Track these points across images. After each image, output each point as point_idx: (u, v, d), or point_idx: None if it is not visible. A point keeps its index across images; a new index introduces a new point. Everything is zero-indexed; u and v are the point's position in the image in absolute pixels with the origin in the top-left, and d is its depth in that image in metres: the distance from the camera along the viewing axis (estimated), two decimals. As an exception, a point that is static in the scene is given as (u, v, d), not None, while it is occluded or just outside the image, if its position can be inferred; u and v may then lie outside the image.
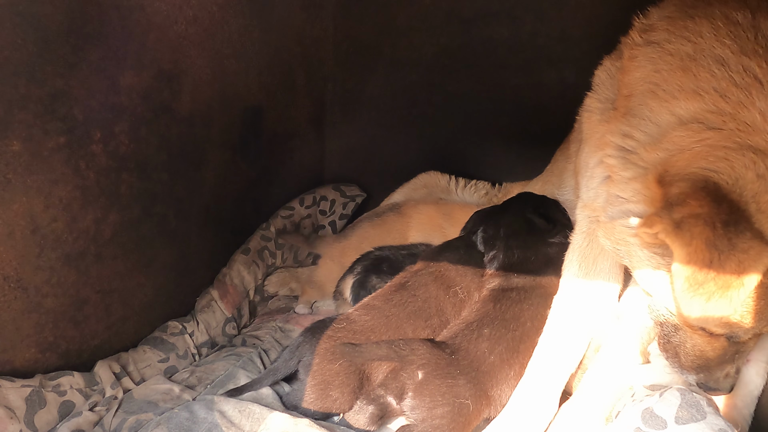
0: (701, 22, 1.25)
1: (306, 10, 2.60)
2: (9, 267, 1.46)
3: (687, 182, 1.09)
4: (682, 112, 1.18)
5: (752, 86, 1.12)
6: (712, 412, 1.20)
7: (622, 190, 1.27)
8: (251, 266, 2.32)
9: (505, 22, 2.53)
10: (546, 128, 2.25)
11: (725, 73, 1.15)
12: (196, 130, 2.02)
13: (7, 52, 1.35)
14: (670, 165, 1.15)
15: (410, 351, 1.55)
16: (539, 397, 1.52)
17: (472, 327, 1.65)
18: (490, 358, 1.58)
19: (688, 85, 1.19)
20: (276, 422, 1.53)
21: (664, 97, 1.22)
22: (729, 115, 1.12)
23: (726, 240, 1.00)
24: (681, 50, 1.24)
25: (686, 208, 1.05)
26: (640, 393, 1.40)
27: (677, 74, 1.22)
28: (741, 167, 1.07)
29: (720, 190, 1.06)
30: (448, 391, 1.48)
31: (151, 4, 1.73)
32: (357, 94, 2.89)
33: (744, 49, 1.17)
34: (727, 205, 1.04)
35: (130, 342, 1.89)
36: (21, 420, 1.44)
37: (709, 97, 1.15)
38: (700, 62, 1.19)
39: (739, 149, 1.09)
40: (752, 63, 1.14)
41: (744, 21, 1.21)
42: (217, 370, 1.85)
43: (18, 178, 1.43)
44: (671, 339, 1.37)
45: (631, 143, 1.27)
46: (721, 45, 1.19)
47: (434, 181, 2.71)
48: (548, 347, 1.57)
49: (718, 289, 1.00)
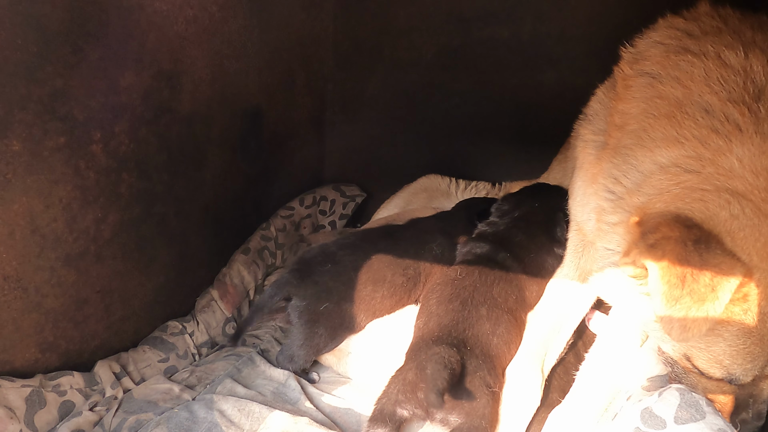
0: (694, 62, 1.27)
1: (306, 10, 2.60)
2: (9, 267, 1.46)
3: (661, 217, 1.13)
4: (663, 159, 1.22)
5: (732, 134, 1.16)
6: (711, 412, 1.20)
7: (608, 242, 1.32)
8: (251, 266, 2.32)
9: (505, 22, 2.53)
10: (546, 128, 2.25)
11: (708, 122, 1.19)
12: (196, 130, 2.02)
13: (7, 52, 1.35)
14: (649, 207, 1.19)
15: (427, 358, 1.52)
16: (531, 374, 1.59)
17: (468, 306, 1.63)
18: (494, 341, 1.59)
19: (671, 134, 1.22)
20: (276, 421, 1.53)
21: (649, 146, 1.26)
22: (708, 159, 1.16)
23: (697, 255, 1.03)
24: (671, 95, 1.27)
25: (659, 233, 1.09)
26: (637, 393, 1.40)
27: (663, 122, 1.25)
28: (715, 207, 1.11)
29: (691, 220, 1.10)
30: (480, 383, 1.48)
31: (151, 4, 1.73)
32: (357, 94, 2.89)
33: (731, 96, 1.20)
34: (697, 229, 1.08)
35: (130, 342, 1.89)
36: (21, 420, 1.44)
37: (689, 144, 1.19)
38: (686, 110, 1.22)
39: (715, 191, 1.13)
40: (735, 111, 1.17)
41: (735, 62, 1.24)
42: (217, 370, 1.85)
43: (18, 178, 1.43)
44: (683, 381, 1.39)
45: (619, 189, 1.31)
46: (710, 92, 1.22)
47: (434, 184, 2.70)
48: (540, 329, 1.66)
49: (694, 303, 1.03)
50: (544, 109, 2.57)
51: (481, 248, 1.81)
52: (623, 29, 1.45)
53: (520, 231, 1.83)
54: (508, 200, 1.96)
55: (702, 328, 1.04)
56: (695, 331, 1.04)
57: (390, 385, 1.52)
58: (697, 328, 1.04)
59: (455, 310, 1.63)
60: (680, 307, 1.03)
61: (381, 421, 1.45)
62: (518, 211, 1.90)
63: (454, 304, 1.64)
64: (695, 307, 1.02)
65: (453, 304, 1.64)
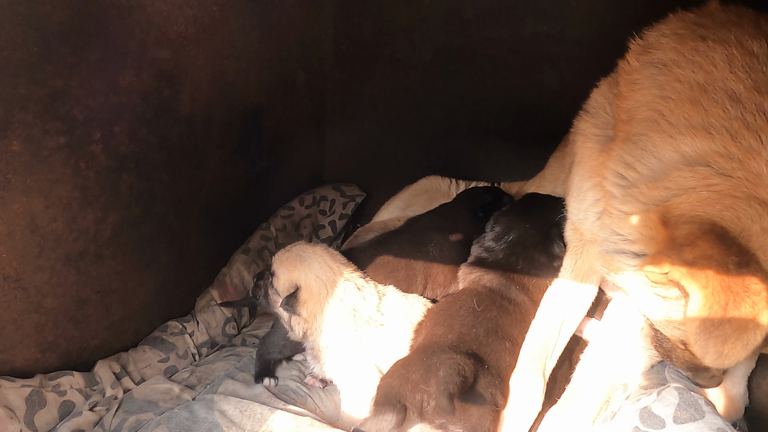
0: (714, 47, 1.15)
1: (306, 10, 2.60)
2: (9, 267, 1.46)
3: (694, 225, 1.05)
4: (688, 150, 1.11)
5: (763, 130, 1.06)
6: (711, 411, 1.20)
7: (620, 227, 1.23)
8: (251, 266, 2.32)
9: (505, 22, 2.53)
10: (546, 128, 2.25)
11: (738, 112, 1.07)
12: (196, 130, 2.02)
13: (7, 52, 1.35)
14: (673, 206, 1.10)
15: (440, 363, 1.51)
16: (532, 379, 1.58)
17: (491, 336, 1.64)
18: (509, 373, 1.60)
19: (697, 121, 1.11)
20: (278, 422, 1.53)
21: (669, 131, 1.15)
22: (739, 161, 1.06)
23: (740, 281, 0.97)
24: (691, 78, 1.15)
25: (697, 249, 1.01)
26: (635, 392, 1.41)
27: (685, 106, 1.13)
28: (747, 219, 1.03)
29: (728, 234, 1.02)
30: (490, 400, 1.48)
31: (151, 4, 1.73)
32: (357, 94, 2.89)
33: (758, 85, 1.09)
34: (736, 247, 1.00)
35: (130, 342, 1.89)
36: (21, 420, 1.44)
37: (720, 138, 1.08)
38: (711, 95, 1.11)
39: (746, 200, 1.04)
40: (765, 103, 1.07)
41: (760, 52, 1.13)
42: (217, 370, 1.85)
43: (18, 178, 1.43)
44: (663, 344, 1.39)
45: (633, 175, 1.21)
46: (735, 78, 1.10)
47: (435, 185, 2.70)
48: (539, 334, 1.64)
49: (733, 331, 0.97)
50: (544, 109, 2.56)
51: (490, 282, 1.80)
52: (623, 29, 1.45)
53: (519, 258, 1.82)
54: (500, 222, 1.94)
55: (741, 356, 0.98)
56: (732, 358, 0.99)
57: (391, 374, 1.52)
58: (735, 356, 0.98)
59: (479, 335, 1.63)
60: (719, 335, 0.98)
61: (387, 404, 1.44)
62: (512, 234, 1.88)
63: (479, 330, 1.64)
64: (735, 335, 0.97)
65: (477, 330, 1.64)
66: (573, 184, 1.56)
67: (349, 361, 1.69)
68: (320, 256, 1.74)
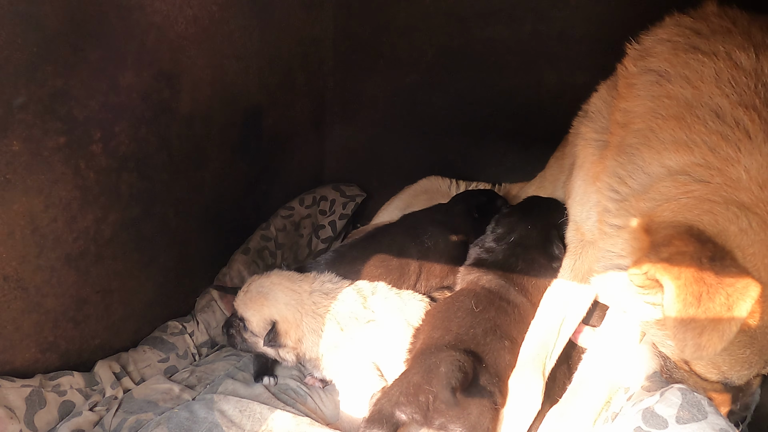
0: (704, 60, 1.22)
1: (306, 10, 2.60)
2: (9, 267, 1.46)
3: (672, 228, 1.11)
4: (671, 163, 1.19)
5: (742, 141, 1.13)
6: (713, 412, 1.20)
7: (612, 245, 1.28)
8: (251, 266, 2.32)
9: (505, 22, 2.53)
10: (546, 128, 2.24)
11: (718, 126, 1.15)
12: (196, 130, 2.02)
13: (7, 52, 1.35)
14: (656, 215, 1.16)
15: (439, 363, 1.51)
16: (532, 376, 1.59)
17: (490, 335, 1.64)
18: (509, 372, 1.60)
19: (680, 137, 1.18)
20: (278, 422, 1.53)
21: (657, 147, 1.22)
22: (717, 169, 1.13)
23: (713, 273, 1.01)
24: (680, 94, 1.22)
25: (672, 247, 1.06)
26: (638, 393, 1.41)
27: (672, 124, 1.21)
28: (724, 221, 1.08)
29: (704, 234, 1.07)
30: (489, 398, 1.49)
31: (151, 4, 1.73)
32: (357, 94, 2.89)
33: (742, 99, 1.16)
34: (711, 245, 1.05)
35: (130, 342, 1.89)
36: (21, 420, 1.44)
37: (698, 150, 1.15)
38: (696, 112, 1.18)
39: (723, 203, 1.09)
40: (746, 117, 1.14)
41: (747, 64, 1.19)
42: (217, 370, 1.85)
43: (18, 178, 1.43)
44: (674, 375, 1.40)
45: (625, 189, 1.27)
46: (721, 94, 1.18)
47: (435, 186, 2.70)
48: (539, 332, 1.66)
49: (709, 322, 1.00)
50: (544, 109, 2.56)
51: (489, 282, 1.80)
52: (623, 29, 1.45)
53: (519, 259, 1.83)
54: (502, 223, 1.95)
55: (717, 347, 1.01)
56: (710, 350, 1.01)
57: (393, 386, 1.51)
58: (712, 348, 1.01)
59: (477, 335, 1.64)
60: (695, 326, 1.00)
61: (378, 422, 1.44)
62: (514, 235, 1.90)
63: (477, 330, 1.65)
64: (710, 326, 0.99)
65: (475, 330, 1.65)
66: (575, 188, 1.59)
67: (346, 361, 1.69)
68: (280, 284, 1.76)
